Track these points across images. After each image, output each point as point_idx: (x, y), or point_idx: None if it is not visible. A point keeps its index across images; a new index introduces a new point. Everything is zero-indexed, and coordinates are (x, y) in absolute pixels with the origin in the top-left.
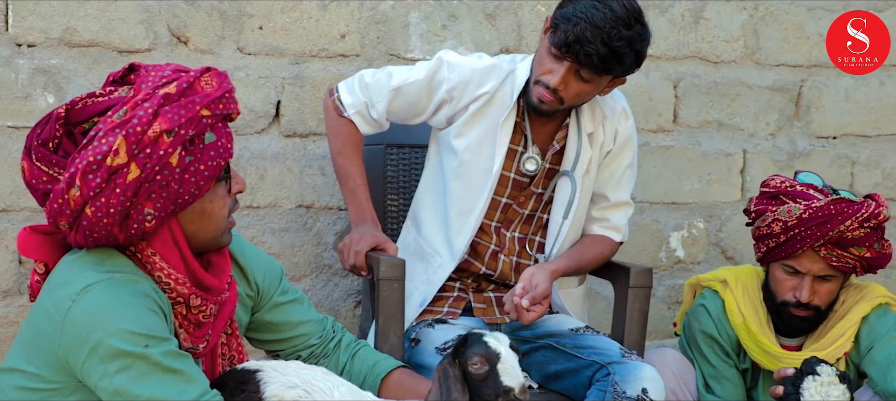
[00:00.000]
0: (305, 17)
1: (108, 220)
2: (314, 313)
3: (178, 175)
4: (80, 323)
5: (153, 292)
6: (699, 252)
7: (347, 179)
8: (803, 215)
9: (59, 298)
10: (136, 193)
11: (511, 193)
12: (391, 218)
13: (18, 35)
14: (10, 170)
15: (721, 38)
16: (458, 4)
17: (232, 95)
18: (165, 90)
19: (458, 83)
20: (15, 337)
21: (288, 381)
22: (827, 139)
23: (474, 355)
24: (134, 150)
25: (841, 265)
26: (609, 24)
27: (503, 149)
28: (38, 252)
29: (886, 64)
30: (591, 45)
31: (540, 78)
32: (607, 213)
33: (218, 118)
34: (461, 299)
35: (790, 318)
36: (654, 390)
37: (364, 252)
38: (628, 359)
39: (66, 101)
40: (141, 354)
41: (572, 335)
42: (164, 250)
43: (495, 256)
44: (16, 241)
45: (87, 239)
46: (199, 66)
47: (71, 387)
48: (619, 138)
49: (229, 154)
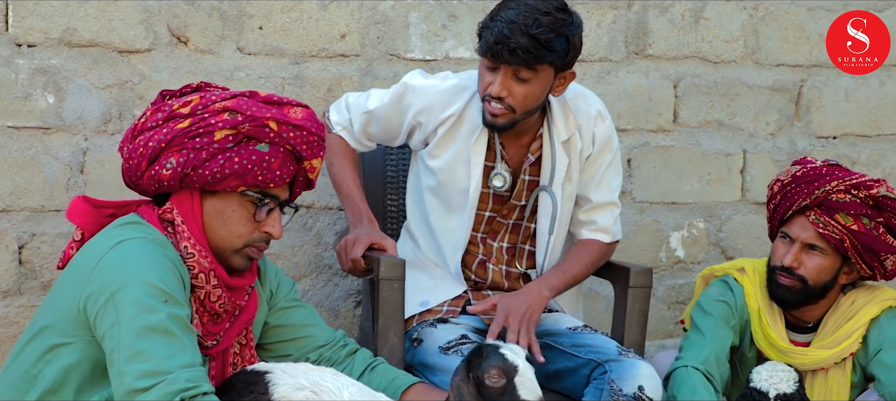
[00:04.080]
0: (305, 17)
1: (143, 150)
2: (321, 321)
3: (213, 150)
4: (109, 269)
5: (179, 263)
6: (699, 252)
7: (341, 185)
8: (797, 173)
9: (95, 251)
10: (173, 141)
11: (493, 208)
12: (391, 218)
13: (18, 35)
14: (10, 170)
15: (721, 38)
16: (458, 4)
17: (309, 138)
18: (259, 94)
19: (422, 108)
20: (15, 337)
21: (296, 382)
22: (827, 139)
23: (492, 368)
24: (198, 108)
25: (828, 234)
26: (524, 15)
27: (478, 168)
28: (83, 219)
29: (886, 64)
30: (512, 40)
31: (484, 94)
32: (593, 215)
33: (284, 142)
34: (461, 297)
35: (777, 286)
36: (650, 387)
37: (360, 255)
38: (625, 357)
39: (66, 101)
40: (152, 307)
41: (570, 334)
42: (188, 220)
43: (484, 266)
44: (17, 239)
45: (127, 165)
46: (199, 67)
47: (82, 342)
48: (598, 141)
49: (272, 177)
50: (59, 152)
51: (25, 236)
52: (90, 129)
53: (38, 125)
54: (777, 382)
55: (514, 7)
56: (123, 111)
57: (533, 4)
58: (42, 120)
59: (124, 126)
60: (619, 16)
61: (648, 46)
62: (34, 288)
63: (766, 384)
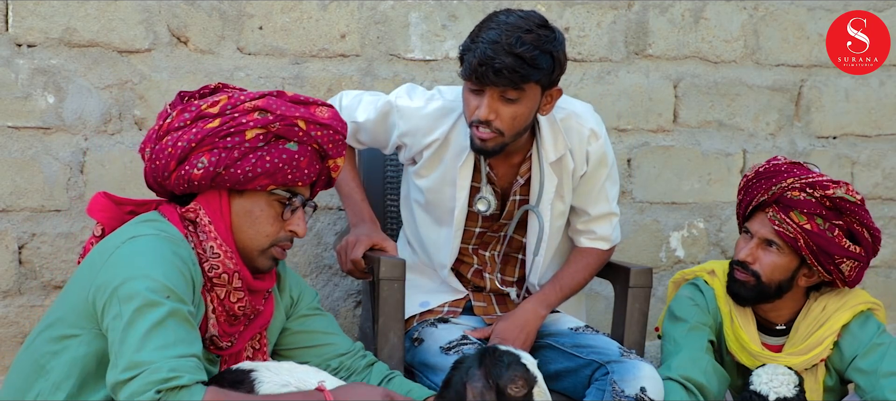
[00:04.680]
0: (305, 17)
1: (172, 150)
2: (342, 332)
3: (244, 149)
4: (118, 263)
5: (190, 263)
6: (699, 252)
7: (341, 184)
8: (760, 169)
9: (108, 245)
10: (203, 141)
11: (483, 224)
12: (391, 219)
13: (18, 35)
14: (10, 170)
15: (721, 38)
16: (458, 4)
17: (335, 137)
18: (287, 93)
19: (407, 130)
20: (15, 337)
21: (281, 380)
22: (827, 139)
23: (518, 378)
24: (227, 108)
25: (783, 232)
26: (506, 35)
27: (464, 191)
28: (103, 215)
29: (886, 64)
30: (497, 60)
31: (471, 120)
32: (591, 225)
33: (312, 141)
34: (461, 299)
35: (733, 281)
36: (652, 388)
37: (360, 257)
38: (627, 358)
39: (66, 101)
40: (154, 301)
41: (571, 335)
42: (216, 220)
43: (480, 274)
44: (17, 239)
45: (152, 165)
46: (199, 67)
47: (90, 335)
48: (592, 160)
49: (300, 175)
50: (59, 152)
51: (25, 236)
52: (90, 129)
53: (38, 125)
54: (777, 385)
55: (495, 27)
56: (123, 111)
57: (513, 23)
58: (42, 120)
59: (124, 126)
60: (619, 16)
61: (648, 46)
62: (34, 288)
63: (767, 388)
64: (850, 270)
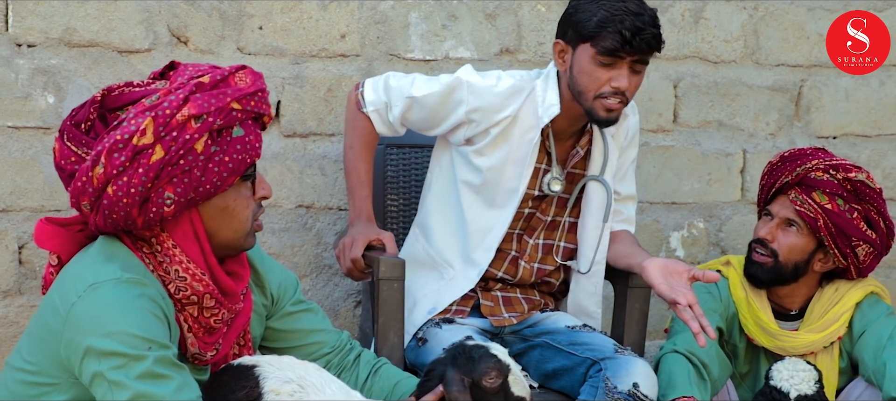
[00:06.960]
0: (305, 17)
1: (127, 200)
2: (328, 324)
3: (202, 163)
4: (82, 320)
5: (159, 298)
6: (699, 252)
7: (351, 175)
8: (785, 154)
9: (66, 293)
10: (158, 176)
11: (533, 204)
12: (391, 218)
13: (18, 35)
14: (10, 170)
15: (721, 38)
16: (458, 4)
17: (265, 96)
18: (199, 80)
19: (478, 107)
20: (15, 337)
21: (284, 376)
22: (827, 139)
23: (491, 369)
24: (161, 131)
25: (804, 212)
26: (637, 6)
27: (530, 169)
28: (53, 243)
29: (886, 64)
30: (646, 32)
31: (603, 91)
32: (620, 206)
33: (249, 115)
34: (469, 298)
35: (750, 263)
36: (645, 384)
37: (359, 257)
38: (621, 354)
39: (66, 101)
40: (136, 355)
41: (568, 333)
42: (185, 243)
43: (515, 262)
44: (17, 239)
45: (106, 221)
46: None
47: (68, 383)
48: (630, 134)
49: (257, 153)
50: None
51: (25, 236)
52: None
53: (38, 125)
54: (798, 382)
55: (619, 0)
56: None
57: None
58: (42, 120)
59: None
60: None
61: None
62: (34, 288)
63: (788, 384)
64: (865, 255)
